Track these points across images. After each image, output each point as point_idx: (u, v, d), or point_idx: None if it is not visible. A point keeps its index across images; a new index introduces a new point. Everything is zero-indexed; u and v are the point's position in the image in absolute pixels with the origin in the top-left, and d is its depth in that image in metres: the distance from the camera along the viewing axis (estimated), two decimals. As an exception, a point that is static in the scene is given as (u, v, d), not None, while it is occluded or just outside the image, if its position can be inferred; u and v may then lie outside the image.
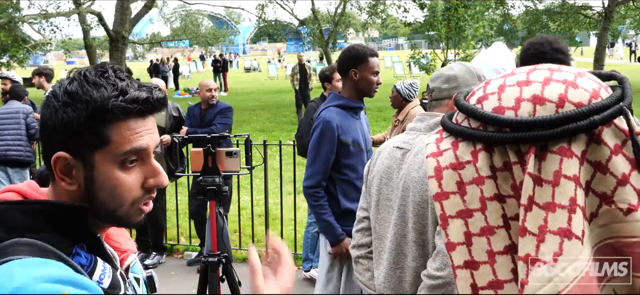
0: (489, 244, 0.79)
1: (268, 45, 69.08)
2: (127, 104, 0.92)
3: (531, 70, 0.81)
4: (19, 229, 0.89)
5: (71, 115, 0.92)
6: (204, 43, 24.67)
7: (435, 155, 0.84)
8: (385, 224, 2.08)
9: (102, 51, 22.39)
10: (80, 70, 0.95)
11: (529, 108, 0.76)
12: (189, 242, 5.68)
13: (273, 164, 7.06)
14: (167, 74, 23.70)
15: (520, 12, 22.07)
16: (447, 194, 0.82)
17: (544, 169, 0.75)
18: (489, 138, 0.78)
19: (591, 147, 0.74)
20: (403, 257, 2.01)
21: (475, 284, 0.79)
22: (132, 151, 0.94)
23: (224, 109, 5.12)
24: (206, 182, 3.19)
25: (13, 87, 6.23)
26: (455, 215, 0.81)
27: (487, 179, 0.79)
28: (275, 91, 22.87)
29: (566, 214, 0.73)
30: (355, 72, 2.94)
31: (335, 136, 2.92)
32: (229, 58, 36.44)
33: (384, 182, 2.07)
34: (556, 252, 0.72)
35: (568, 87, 0.76)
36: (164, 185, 0.99)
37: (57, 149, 0.94)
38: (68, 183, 0.95)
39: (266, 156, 5.09)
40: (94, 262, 0.94)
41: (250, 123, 14.08)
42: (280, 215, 5.44)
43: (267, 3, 26.55)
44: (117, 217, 0.98)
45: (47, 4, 18.53)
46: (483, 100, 0.81)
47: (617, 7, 18.85)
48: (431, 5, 17.48)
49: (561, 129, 0.73)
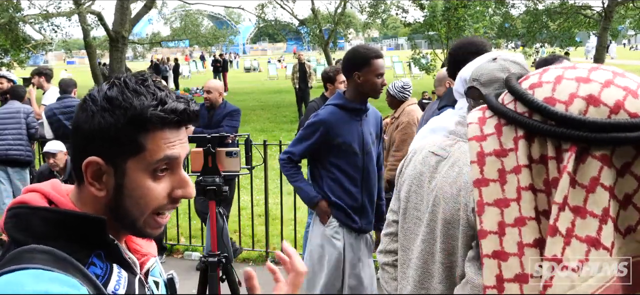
0: (520, 236, 0.76)
1: (268, 45, 69.06)
2: (165, 113, 0.92)
3: (594, 68, 0.78)
4: (38, 235, 0.89)
5: (109, 120, 0.92)
6: (204, 43, 24.64)
7: (478, 139, 0.81)
8: (411, 236, 1.89)
9: (102, 51, 22.40)
10: (120, 76, 0.96)
11: (581, 106, 0.73)
12: (189, 242, 5.68)
13: (273, 164, 7.05)
14: (168, 73, 23.71)
15: (520, 12, 22.06)
16: (488, 181, 0.79)
17: (581, 171, 0.72)
18: (532, 126, 0.75)
19: (638, 161, 0.71)
20: (429, 277, 1.82)
21: (501, 275, 0.77)
22: (164, 159, 0.94)
23: (232, 111, 5.06)
24: (206, 182, 3.19)
25: (13, 87, 6.24)
26: (492, 203, 0.78)
27: (524, 168, 0.76)
28: (275, 91, 22.87)
29: (597, 223, 0.71)
30: (358, 75, 2.96)
31: (322, 132, 3.02)
32: (229, 58, 36.45)
33: (414, 190, 1.86)
34: (582, 260, 0.70)
35: (628, 94, 0.73)
36: (191, 196, 1.00)
37: (89, 153, 0.93)
38: (97, 188, 0.95)
39: (266, 156, 5.09)
40: (109, 272, 0.94)
41: (250, 123, 14.08)
42: (280, 215, 5.44)
43: (267, 3, 26.55)
44: (136, 227, 0.98)
45: (48, 4, 18.54)
46: (536, 87, 0.78)
47: (617, 7, 18.84)
48: (431, 5, 17.48)
49: (609, 136, 0.70)
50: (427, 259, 1.80)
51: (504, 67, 1.76)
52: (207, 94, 5.07)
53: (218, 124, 4.91)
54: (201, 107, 5.18)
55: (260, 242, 5.55)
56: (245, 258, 5.36)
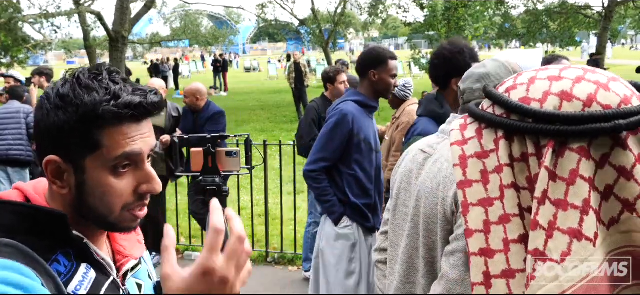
0: (505, 233, 0.78)
1: (268, 45, 69.04)
2: (119, 109, 0.89)
3: (565, 67, 0.81)
4: (6, 228, 0.89)
5: (62, 118, 0.90)
6: (204, 43, 24.63)
7: (460, 144, 0.84)
8: (399, 232, 1.92)
9: (102, 51, 22.38)
10: (75, 71, 0.93)
11: (555, 102, 0.76)
12: (189, 242, 5.68)
13: (273, 164, 7.06)
14: (167, 73, 23.70)
15: (520, 12, 22.06)
16: (471, 182, 0.81)
17: (560, 165, 0.74)
18: (510, 125, 0.78)
19: (616, 151, 0.73)
20: (415, 271, 1.84)
21: (488, 272, 0.79)
22: (123, 156, 0.91)
23: (214, 113, 5.01)
24: (206, 182, 3.19)
25: (13, 87, 6.23)
26: (476, 203, 0.80)
27: (506, 167, 0.79)
28: (275, 91, 22.87)
29: (578, 214, 0.73)
30: (374, 73, 3.01)
31: (348, 129, 2.97)
32: (230, 58, 36.45)
33: (403, 187, 1.90)
34: (564, 251, 0.72)
35: (599, 88, 0.76)
36: (156, 192, 0.96)
37: (48, 152, 0.92)
38: (59, 186, 0.94)
39: (266, 156, 5.09)
40: (74, 271, 0.93)
41: (250, 123, 14.08)
42: (280, 215, 5.44)
43: (266, 3, 26.54)
44: (109, 223, 0.96)
45: (48, 4, 18.53)
46: (511, 90, 0.81)
47: (617, 7, 18.84)
48: (431, 5, 17.47)
49: (583, 128, 0.73)
50: (412, 254, 1.83)
51: (484, 64, 1.87)
52: (185, 98, 5.06)
53: (201, 128, 4.82)
54: (186, 111, 5.14)
55: (260, 242, 5.55)
56: (245, 258, 5.35)
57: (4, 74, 7.27)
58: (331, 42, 24.92)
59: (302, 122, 4.91)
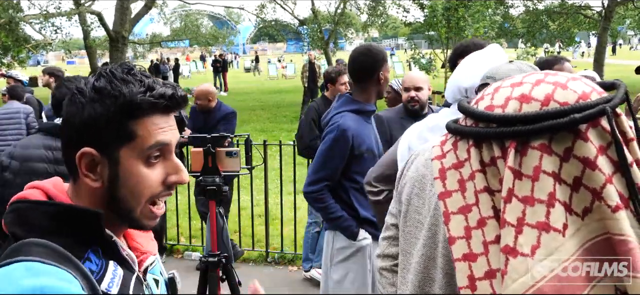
0: (483, 235, 0.82)
1: (268, 45, 69.03)
2: (154, 99, 0.94)
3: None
4: (36, 229, 0.90)
5: (99, 110, 0.93)
6: (204, 43, 24.64)
7: (439, 158, 0.90)
8: (412, 239, 1.81)
9: (103, 51, 22.38)
10: (106, 67, 0.97)
11: (515, 106, 0.80)
12: (189, 242, 5.68)
13: (273, 164, 7.06)
14: (168, 73, 23.72)
15: (519, 12, 22.06)
16: (451, 192, 0.86)
17: (524, 163, 0.78)
18: (476, 133, 0.83)
19: (578, 144, 0.76)
20: (430, 282, 1.73)
21: (472, 275, 0.82)
22: (156, 145, 0.95)
23: (227, 113, 5.02)
24: (206, 182, 3.19)
25: (12, 87, 6.23)
26: (457, 212, 0.85)
27: (478, 173, 0.83)
28: (275, 91, 22.88)
29: (544, 208, 0.76)
30: (382, 74, 2.83)
31: (348, 146, 2.78)
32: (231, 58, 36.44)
33: (416, 193, 1.77)
34: (534, 244, 0.75)
35: (557, 87, 0.79)
36: (185, 181, 1.01)
37: (82, 145, 0.94)
38: (92, 179, 0.95)
39: (266, 156, 5.09)
40: (105, 269, 0.95)
41: (250, 123, 14.09)
42: (280, 215, 5.44)
43: (266, 3, 26.53)
44: (132, 218, 0.98)
45: (48, 4, 18.53)
46: (479, 100, 0.86)
47: (617, 7, 18.84)
48: (431, 5, 17.47)
49: (539, 125, 0.76)
50: (428, 264, 1.77)
51: (521, 68, 1.80)
52: (196, 100, 5.05)
53: (214, 127, 4.81)
54: (194, 111, 5.14)
55: (260, 242, 5.55)
56: (245, 258, 5.36)
57: (4, 74, 7.26)
58: (332, 42, 24.91)
59: (302, 122, 4.91)
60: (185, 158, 4.95)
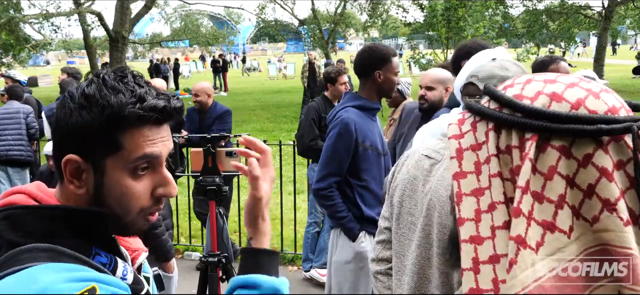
0: (492, 220, 0.82)
1: (268, 45, 69.03)
2: (144, 111, 0.90)
3: (563, 75, 0.85)
4: (34, 234, 0.87)
5: (86, 118, 0.90)
6: (204, 43, 24.65)
7: (457, 137, 0.88)
8: (405, 241, 1.83)
9: (103, 51, 22.39)
10: (100, 73, 0.94)
11: (544, 101, 0.80)
12: (189, 242, 5.68)
13: (273, 164, 7.05)
14: (168, 74, 23.71)
15: (520, 12, 22.07)
16: (466, 173, 0.86)
17: (541, 160, 0.78)
18: (498, 118, 0.82)
19: (598, 153, 0.77)
20: (426, 282, 1.76)
21: (477, 258, 0.82)
22: (143, 158, 0.92)
23: (222, 113, 5.03)
24: (206, 182, 3.19)
25: (12, 86, 6.22)
26: (469, 193, 0.84)
27: (493, 158, 0.83)
28: (275, 91, 22.87)
29: (553, 208, 0.76)
30: (380, 73, 2.85)
31: (353, 139, 2.80)
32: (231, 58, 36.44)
33: (407, 194, 1.80)
34: (538, 241, 0.76)
35: (589, 95, 0.79)
36: (172, 195, 0.98)
37: (68, 151, 0.92)
38: (76, 186, 0.93)
39: (266, 156, 5.08)
40: (115, 261, 0.94)
41: (250, 123, 14.09)
42: (280, 215, 5.44)
43: (266, 3, 26.54)
44: (123, 224, 0.96)
45: (48, 4, 18.54)
46: (508, 87, 0.86)
47: (617, 7, 18.84)
48: (431, 5, 17.47)
49: (566, 127, 0.76)
50: (424, 264, 1.75)
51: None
52: (195, 97, 5.04)
53: (209, 127, 4.84)
54: (192, 111, 5.13)
55: (260, 242, 5.54)
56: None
57: (4, 74, 7.26)
58: (331, 42, 24.91)
59: (302, 121, 4.91)
60: (186, 157, 4.94)
